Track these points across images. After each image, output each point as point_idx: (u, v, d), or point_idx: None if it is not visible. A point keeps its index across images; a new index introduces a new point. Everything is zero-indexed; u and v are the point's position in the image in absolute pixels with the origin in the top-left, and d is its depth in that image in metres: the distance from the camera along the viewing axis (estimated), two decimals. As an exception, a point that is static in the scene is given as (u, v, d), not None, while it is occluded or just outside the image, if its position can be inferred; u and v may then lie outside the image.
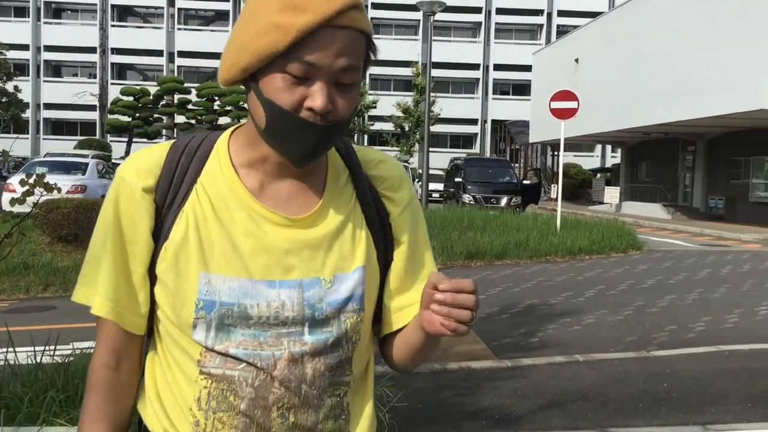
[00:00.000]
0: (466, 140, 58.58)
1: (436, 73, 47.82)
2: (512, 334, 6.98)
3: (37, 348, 4.10)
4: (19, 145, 45.93)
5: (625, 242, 14.33)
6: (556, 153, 42.29)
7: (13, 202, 3.41)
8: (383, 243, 1.24)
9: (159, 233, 1.15)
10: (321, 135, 1.08)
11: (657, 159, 32.38)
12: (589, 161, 52.35)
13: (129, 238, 1.15)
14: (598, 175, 42.61)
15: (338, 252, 1.18)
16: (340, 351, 1.17)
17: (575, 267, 11.99)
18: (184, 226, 1.13)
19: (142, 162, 1.17)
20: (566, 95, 16.04)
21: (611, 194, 31.10)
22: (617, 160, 42.42)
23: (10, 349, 3.91)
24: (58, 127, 56.00)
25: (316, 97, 1.05)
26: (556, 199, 31.39)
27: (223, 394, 1.12)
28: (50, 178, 4.18)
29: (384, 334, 1.28)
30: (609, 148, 53.55)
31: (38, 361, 3.91)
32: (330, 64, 1.05)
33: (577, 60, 32.06)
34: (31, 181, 3.47)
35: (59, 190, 3.72)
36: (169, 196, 1.15)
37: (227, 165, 1.17)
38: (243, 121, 1.20)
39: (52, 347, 4.17)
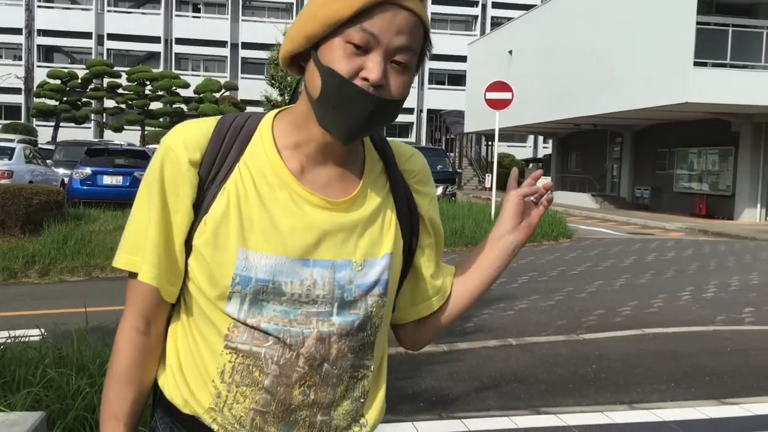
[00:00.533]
0: (402, 129, 58.86)
1: (372, 61, 47.85)
2: (448, 320, 7.11)
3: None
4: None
5: (556, 230, 14.72)
6: (490, 143, 42.90)
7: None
8: (409, 234, 1.30)
9: (199, 206, 1.18)
10: (373, 107, 1.11)
11: (586, 150, 33.21)
12: (521, 151, 53.33)
13: (172, 207, 1.18)
14: (531, 165, 43.45)
15: (369, 237, 1.23)
16: (364, 334, 1.22)
17: (508, 254, 12.22)
18: (226, 202, 1.16)
19: (190, 134, 1.20)
20: (501, 86, 16.31)
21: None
22: (549, 151, 43.32)
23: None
24: (-19, 111, 53.87)
25: (372, 68, 1.10)
26: (490, 189, 31.93)
27: (248, 369, 1.16)
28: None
29: (434, 309, 1.36)
30: (541, 138, 54.65)
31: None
32: (390, 38, 1.10)
33: (510, 52, 32.56)
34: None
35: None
36: (212, 171, 1.18)
37: (271, 146, 1.21)
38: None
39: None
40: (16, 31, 53.01)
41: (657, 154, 27.23)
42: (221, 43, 56.49)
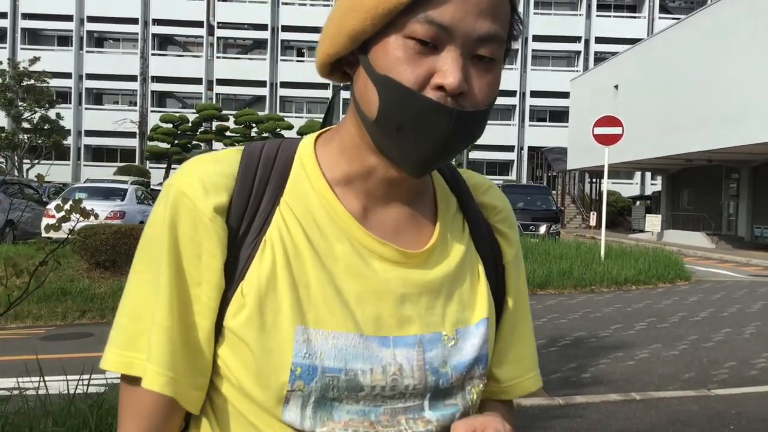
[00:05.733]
0: (503, 167, 58.19)
1: (472, 100, 47.70)
2: (562, 369, 6.65)
3: (70, 378, 3.93)
4: (60, 172, 46.65)
5: (672, 272, 13.87)
6: (593, 180, 41.73)
7: (48, 228, 3.27)
8: (495, 291, 0.96)
9: (232, 270, 0.83)
10: (453, 124, 0.79)
11: (699, 186, 31.74)
12: (627, 188, 51.61)
13: (192, 277, 0.83)
14: (638, 203, 41.95)
15: (458, 299, 0.90)
16: None
17: (622, 298, 11.58)
18: (270, 261, 0.83)
19: (210, 172, 0.85)
20: (610, 121, 15.69)
21: (652, 222, 30.48)
22: (657, 188, 41.73)
23: (43, 379, 3.73)
24: (99, 154, 56.89)
25: (448, 71, 0.77)
26: (594, 227, 30.87)
27: None
28: (89, 204, 4.04)
29: None
30: (648, 175, 52.79)
31: (71, 393, 3.73)
32: (469, 26, 0.78)
33: (616, 86, 31.68)
34: (67, 206, 3.32)
35: (96, 216, 3.57)
36: (245, 219, 0.84)
37: (319, 180, 0.88)
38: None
39: (85, 377, 3.99)
40: (132, 78, 56.00)
41: (778, 191, 25.68)
42: (323, 86, 57.71)
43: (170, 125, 44.88)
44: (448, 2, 0.76)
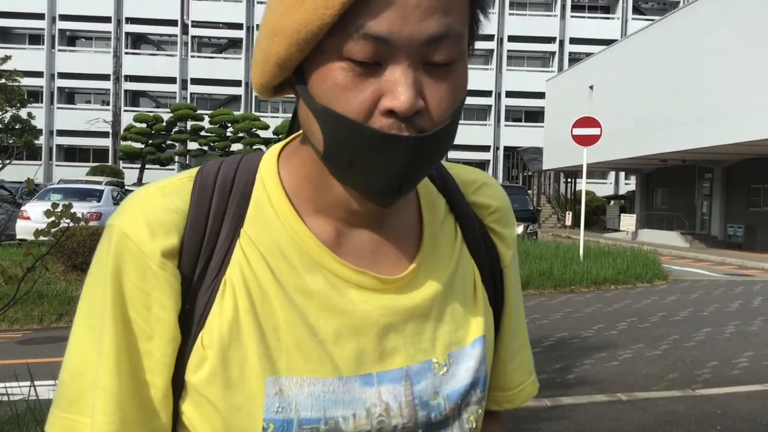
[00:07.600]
0: (479, 167, 55.86)
1: (448, 100, 47.76)
2: (547, 370, 6.66)
3: (52, 383, 3.85)
4: (31, 172, 45.95)
5: (650, 272, 13.99)
6: (568, 180, 42.02)
7: (37, 233, 3.19)
8: (494, 299, 0.87)
9: (190, 320, 0.73)
10: (411, 154, 0.68)
11: (673, 186, 32.11)
12: (602, 188, 52.05)
13: (142, 331, 0.72)
14: (612, 202, 42.32)
15: (450, 319, 0.81)
16: None
17: (602, 297, 11.66)
18: (232, 306, 0.72)
19: (156, 209, 0.74)
20: (588, 122, 15.78)
21: (627, 222, 30.76)
22: (631, 187, 42.12)
23: (33, 384, 3.64)
24: (71, 154, 56.13)
25: (397, 90, 0.65)
26: (570, 226, 31.07)
27: None
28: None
29: None
30: (622, 174, 53.29)
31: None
32: (410, 33, 0.65)
33: (591, 87, 31.91)
34: (57, 210, 3.24)
35: (86, 220, 3.49)
36: (201, 260, 0.74)
37: (283, 205, 0.77)
38: (260, 149, 0.79)
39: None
40: (105, 77, 55.35)
41: (750, 191, 26.01)
42: (299, 85, 57.58)
43: (144, 125, 44.45)
44: (383, 9, 0.64)
